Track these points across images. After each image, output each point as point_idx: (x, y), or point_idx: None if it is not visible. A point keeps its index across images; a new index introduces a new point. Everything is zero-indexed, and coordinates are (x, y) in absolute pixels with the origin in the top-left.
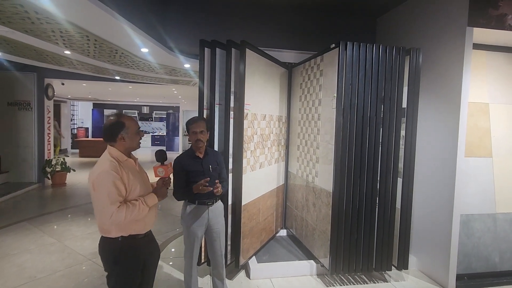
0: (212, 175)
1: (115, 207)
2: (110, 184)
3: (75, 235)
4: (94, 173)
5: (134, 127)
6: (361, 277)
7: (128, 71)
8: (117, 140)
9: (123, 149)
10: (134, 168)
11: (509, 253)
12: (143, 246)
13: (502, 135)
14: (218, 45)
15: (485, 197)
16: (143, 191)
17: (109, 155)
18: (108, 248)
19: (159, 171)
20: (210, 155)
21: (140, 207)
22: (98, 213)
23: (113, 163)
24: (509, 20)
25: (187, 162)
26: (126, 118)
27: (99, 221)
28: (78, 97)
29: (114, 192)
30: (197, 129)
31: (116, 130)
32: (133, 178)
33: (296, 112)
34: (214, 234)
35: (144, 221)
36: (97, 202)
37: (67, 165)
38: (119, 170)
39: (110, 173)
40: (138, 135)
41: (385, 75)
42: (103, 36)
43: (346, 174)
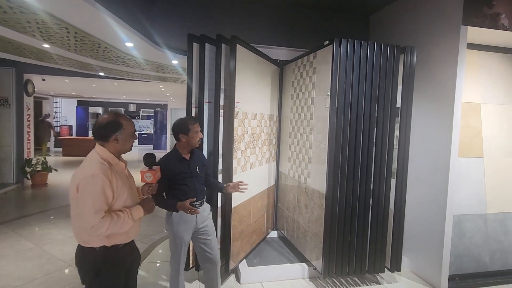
0: (199, 176)
1: (99, 217)
2: (98, 190)
3: (55, 239)
4: (80, 174)
5: (130, 129)
6: (354, 280)
7: (113, 67)
8: (110, 140)
9: (114, 150)
10: (123, 172)
11: (499, 253)
12: (126, 255)
13: (493, 135)
14: (208, 40)
15: (477, 197)
16: (130, 199)
17: (99, 156)
18: (88, 259)
19: (146, 176)
20: (196, 155)
21: (125, 220)
22: (76, 220)
23: (103, 165)
24: (502, 19)
25: (174, 165)
26: (124, 118)
27: (77, 229)
28: (61, 94)
29: (101, 200)
30: (199, 129)
31: (110, 130)
32: (122, 184)
33: (287, 110)
34: (204, 236)
35: (127, 232)
36: (78, 208)
37: (49, 165)
38: (110, 174)
39: (100, 177)
40: (132, 138)
41: (379, 74)
42: (84, 29)
43: (339, 175)
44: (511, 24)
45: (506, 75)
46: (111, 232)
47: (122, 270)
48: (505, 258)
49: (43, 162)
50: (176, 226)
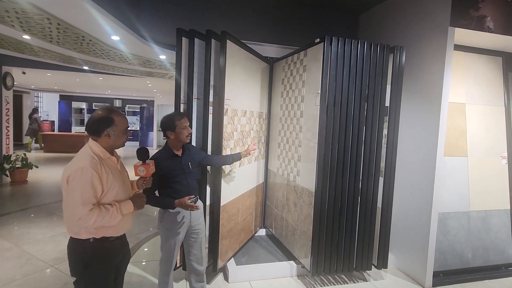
0: (191, 172)
1: (87, 209)
2: (86, 183)
3: (35, 239)
4: (71, 167)
5: (122, 126)
6: (341, 277)
7: (98, 61)
8: (102, 136)
9: (107, 146)
10: (115, 167)
11: (481, 250)
12: (117, 250)
13: (476, 135)
14: (197, 35)
15: (460, 195)
16: (122, 193)
17: (91, 150)
18: (78, 251)
19: (139, 170)
20: (187, 151)
21: (113, 214)
22: (66, 212)
23: (94, 159)
24: (488, 22)
25: (166, 162)
26: (116, 114)
27: (67, 220)
28: (43, 88)
29: (89, 192)
30: (187, 123)
31: (103, 125)
32: (113, 178)
33: (277, 108)
34: (194, 235)
35: (117, 226)
36: (68, 199)
37: (29, 161)
38: (100, 168)
39: (89, 171)
40: (125, 134)
41: (369, 73)
42: (68, 20)
43: (329, 173)
44: (496, 26)
45: (490, 77)
46: (99, 224)
47: (112, 264)
48: (486, 255)
49: (23, 158)
50: (170, 224)
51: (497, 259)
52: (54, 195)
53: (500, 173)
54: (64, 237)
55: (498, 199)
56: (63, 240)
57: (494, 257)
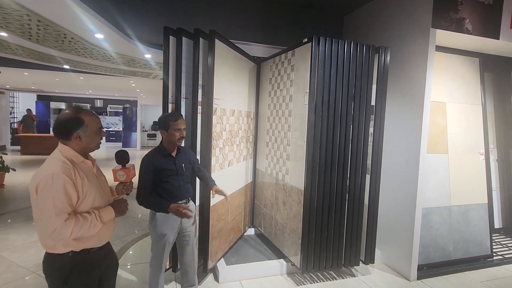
0: (184, 174)
1: (61, 220)
2: (59, 190)
3: (14, 245)
4: (39, 174)
5: (94, 126)
6: (330, 274)
7: (80, 60)
8: (72, 138)
9: (78, 149)
10: (91, 171)
11: (461, 243)
12: (99, 261)
13: (456, 133)
14: (185, 34)
15: (442, 191)
16: (99, 199)
17: (61, 155)
18: (55, 266)
19: (119, 175)
20: (182, 153)
21: (93, 222)
22: (38, 225)
23: (65, 164)
24: (466, 24)
25: (159, 160)
26: (86, 113)
27: (41, 235)
28: (19, 88)
29: (62, 200)
30: (182, 126)
31: (71, 127)
32: (89, 184)
33: (265, 108)
34: (186, 237)
35: (98, 235)
36: (39, 211)
37: (6, 164)
38: (73, 173)
39: (61, 177)
40: (98, 135)
41: (355, 72)
42: (49, 17)
43: (317, 171)
44: (474, 28)
45: (468, 76)
46: (77, 235)
47: (94, 277)
48: (466, 247)
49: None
50: (160, 226)
51: (476, 251)
52: None
53: (478, 169)
54: None
55: (476, 194)
56: None
57: (473, 249)
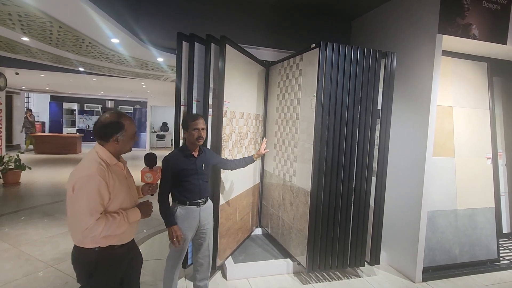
0: (204, 173)
1: (94, 219)
2: (93, 191)
3: (32, 240)
4: (76, 174)
5: (131, 131)
6: (336, 274)
7: (95, 63)
8: (110, 141)
9: (114, 151)
10: (122, 173)
11: (467, 246)
12: (123, 257)
13: (463, 137)
14: (197, 39)
15: (448, 194)
16: (127, 200)
17: (97, 156)
18: (83, 260)
19: (146, 177)
20: (203, 153)
21: (120, 223)
22: (72, 221)
23: (101, 166)
24: (473, 29)
25: (180, 160)
26: (126, 119)
27: (72, 229)
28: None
29: (96, 201)
30: (200, 126)
31: (111, 131)
32: (119, 185)
33: (273, 110)
34: (203, 235)
35: (124, 234)
36: (73, 208)
37: (22, 163)
38: (107, 175)
39: (96, 178)
40: (133, 140)
41: (362, 77)
42: (69, 23)
43: (324, 173)
44: (480, 34)
45: (475, 81)
46: (105, 234)
47: (117, 271)
48: (473, 251)
49: (16, 160)
50: (180, 223)
51: (483, 255)
52: (48, 197)
53: (485, 173)
54: (61, 238)
55: (483, 198)
56: (60, 241)
57: (480, 253)
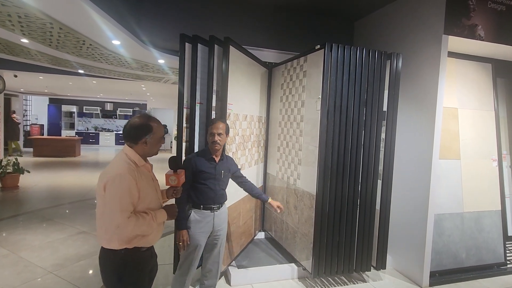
0: (222, 180)
1: (125, 216)
2: (124, 189)
3: (31, 245)
4: (108, 173)
5: (159, 134)
6: (341, 279)
7: (95, 65)
8: (139, 143)
9: (142, 153)
10: (149, 174)
11: (474, 249)
12: (148, 260)
13: (469, 139)
14: (200, 41)
15: (454, 197)
16: (154, 201)
17: (127, 157)
18: (110, 261)
19: (171, 180)
20: (225, 161)
21: (149, 222)
22: (103, 219)
23: (131, 166)
24: (479, 30)
25: (201, 162)
26: (154, 121)
27: (102, 228)
28: (33, 91)
29: (127, 199)
30: (216, 131)
31: (141, 133)
32: (147, 186)
33: (276, 112)
34: (215, 241)
35: (150, 235)
36: (105, 207)
37: (21, 166)
38: (136, 175)
39: (127, 177)
40: (160, 142)
41: (367, 78)
42: (70, 25)
43: (329, 176)
44: (486, 35)
45: (480, 82)
46: (135, 233)
47: (145, 274)
48: (479, 254)
49: (14, 163)
50: (194, 227)
51: (489, 259)
52: (47, 201)
53: (491, 175)
54: (61, 243)
55: (489, 200)
56: (60, 247)
57: (487, 256)
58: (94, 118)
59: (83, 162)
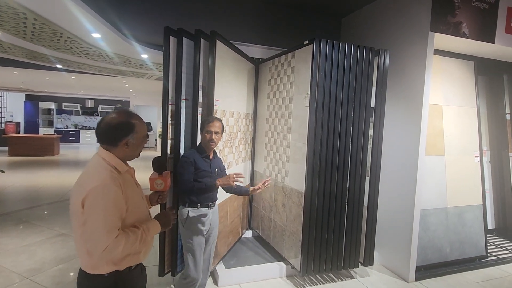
0: (216, 178)
1: (112, 236)
2: (109, 204)
3: (6, 249)
4: (86, 186)
5: (143, 132)
6: (329, 276)
7: (74, 59)
8: (119, 145)
9: (123, 156)
10: (132, 181)
11: (457, 243)
12: (138, 277)
13: (452, 135)
14: (185, 35)
15: (439, 192)
16: (144, 213)
17: (105, 162)
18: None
19: (156, 184)
20: (217, 158)
21: (142, 237)
22: (85, 241)
23: (113, 173)
24: (463, 28)
25: (198, 159)
26: (136, 118)
27: (83, 253)
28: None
29: (113, 215)
30: (213, 129)
31: (121, 133)
32: (134, 195)
33: (263, 109)
34: (210, 239)
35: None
36: (86, 226)
37: None
38: (121, 184)
39: (112, 188)
40: (144, 142)
41: (355, 75)
42: (45, 15)
43: (318, 173)
44: (470, 33)
45: (464, 80)
46: (126, 253)
47: None
48: (462, 248)
49: None
50: (194, 226)
51: (472, 252)
52: (23, 202)
53: (473, 171)
54: (38, 247)
55: (472, 195)
56: (37, 250)
57: (469, 250)
58: (74, 116)
59: (63, 161)
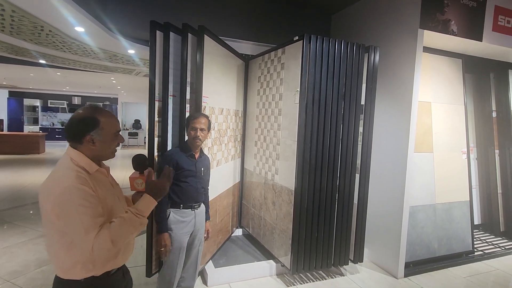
0: (202, 178)
1: (93, 235)
2: (80, 204)
3: None
4: (51, 191)
5: (111, 129)
6: (319, 273)
7: (57, 54)
8: (84, 141)
9: (91, 155)
10: (106, 180)
11: (445, 239)
12: (119, 282)
13: (441, 132)
14: (172, 29)
15: (427, 189)
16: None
17: (72, 162)
18: None
19: (137, 183)
20: (203, 158)
21: (133, 220)
22: (64, 249)
23: (80, 174)
24: (452, 25)
25: (181, 158)
26: (103, 114)
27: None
28: None
29: (86, 214)
30: (198, 125)
31: (84, 128)
32: (107, 196)
33: (253, 106)
34: (196, 241)
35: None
36: (64, 234)
37: None
38: (90, 185)
39: (79, 189)
40: (114, 141)
41: (346, 71)
42: (24, 7)
43: (308, 171)
44: (459, 30)
45: (452, 77)
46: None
47: None
48: (450, 244)
49: None
50: (175, 228)
51: (459, 248)
52: (6, 202)
53: (461, 167)
54: (20, 248)
55: (459, 192)
56: (19, 252)
57: (456, 245)
58: (60, 113)
59: (48, 159)
